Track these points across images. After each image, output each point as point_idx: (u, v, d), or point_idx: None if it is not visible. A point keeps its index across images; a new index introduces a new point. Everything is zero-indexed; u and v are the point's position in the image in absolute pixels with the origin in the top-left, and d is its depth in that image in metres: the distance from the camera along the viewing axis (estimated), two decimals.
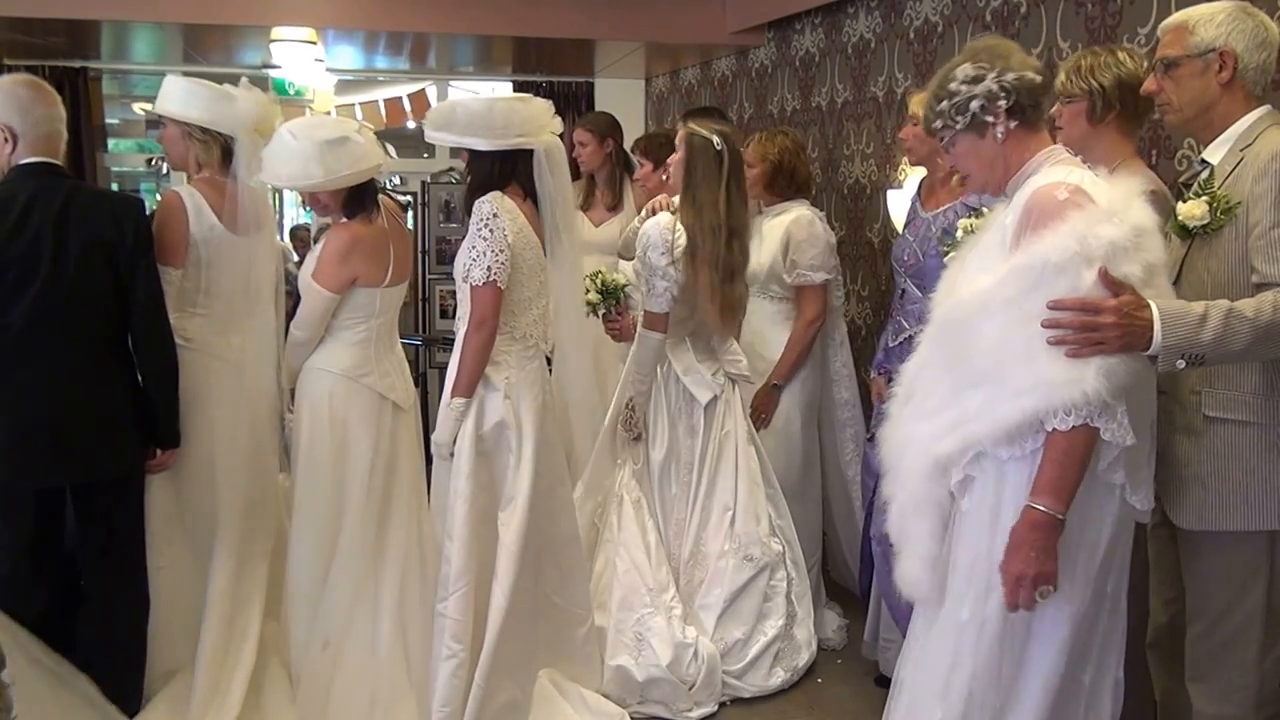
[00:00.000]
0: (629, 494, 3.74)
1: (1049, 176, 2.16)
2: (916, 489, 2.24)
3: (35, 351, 3.01)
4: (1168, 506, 2.46)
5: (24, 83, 3.15)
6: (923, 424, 2.23)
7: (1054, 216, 2.06)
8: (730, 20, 6.05)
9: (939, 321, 2.26)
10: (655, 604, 3.61)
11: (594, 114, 5.33)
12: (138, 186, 10.19)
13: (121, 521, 3.22)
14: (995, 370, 2.09)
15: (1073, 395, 2.01)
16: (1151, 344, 2.06)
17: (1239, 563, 2.36)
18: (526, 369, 3.30)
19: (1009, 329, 2.07)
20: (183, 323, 3.39)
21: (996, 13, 4.19)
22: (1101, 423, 2.04)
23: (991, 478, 2.16)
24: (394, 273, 3.39)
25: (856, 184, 5.14)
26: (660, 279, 3.61)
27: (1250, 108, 2.40)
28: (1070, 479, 2.07)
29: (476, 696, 3.19)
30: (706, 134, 3.62)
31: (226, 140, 3.44)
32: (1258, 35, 2.37)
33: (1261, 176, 2.27)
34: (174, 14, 5.73)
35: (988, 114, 2.19)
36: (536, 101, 3.29)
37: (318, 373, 3.35)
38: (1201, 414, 2.37)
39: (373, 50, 7.26)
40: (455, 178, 7.09)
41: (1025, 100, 2.19)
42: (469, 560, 3.23)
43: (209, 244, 3.41)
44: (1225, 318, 2.10)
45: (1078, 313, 2.02)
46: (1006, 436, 2.10)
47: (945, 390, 2.20)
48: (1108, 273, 2.02)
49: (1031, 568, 2.07)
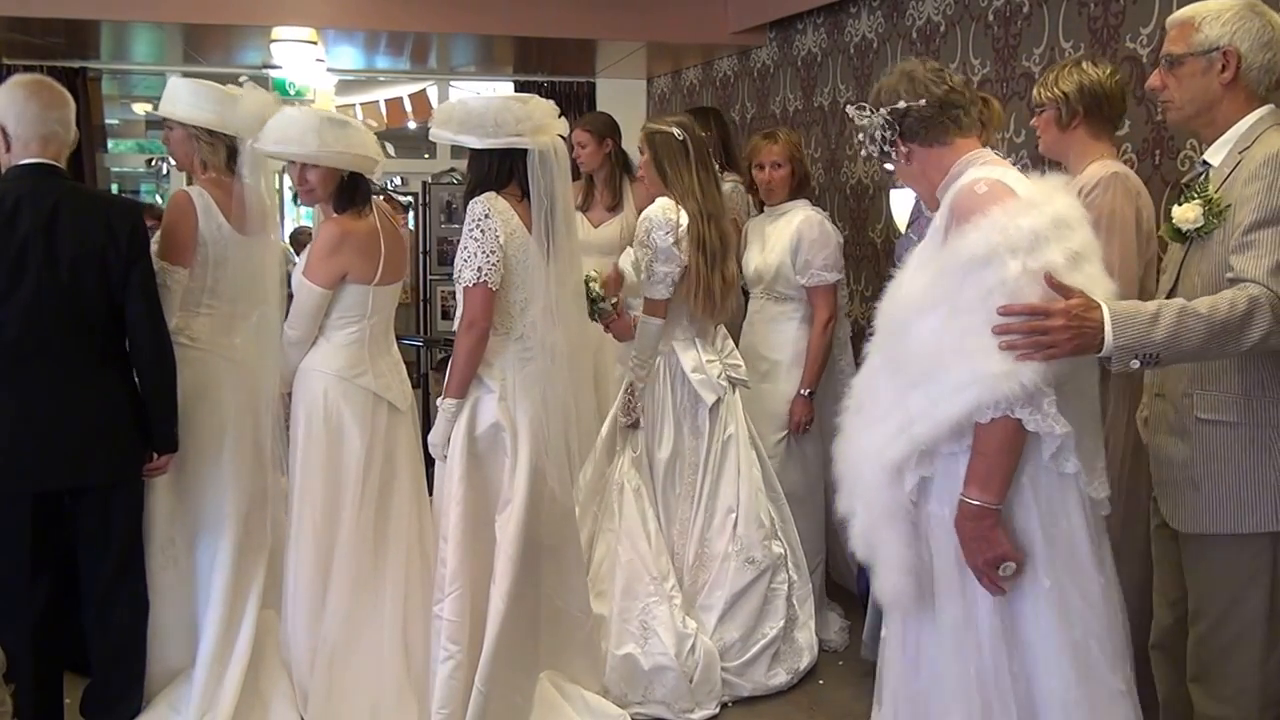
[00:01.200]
0: (629, 482, 3.74)
1: (971, 175, 2.18)
2: (877, 500, 2.23)
3: (28, 355, 3.00)
4: (1164, 509, 2.45)
5: (25, 83, 3.14)
6: (871, 433, 2.23)
7: (975, 211, 2.08)
8: (732, 20, 6.04)
9: (881, 328, 2.26)
10: (658, 592, 3.62)
11: (592, 114, 5.32)
12: (137, 187, 10.19)
13: (119, 523, 3.21)
14: (932, 369, 2.10)
15: (1011, 388, 2.01)
16: (1104, 345, 2.05)
17: (1239, 565, 2.35)
18: (524, 370, 3.29)
19: (945, 327, 2.08)
20: (188, 322, 3.39)
21: (999, 12, 4.18)
22: (1024, 413, 2.04)
23: (948, 477, 2.15)
24: (385, 270, 3.37)
25: (859, 184, 5.14)
26: (663, 263, 3.63)
27: (1252, 108, 2.38)
28: (996, 468, 2.08)
29: (477, 700, 3.17)
30: (665, 128, 3.73)
31: (232, 141, 3.45)
32: (1263, 35, 2.34)
33: (1252, 180, 2.26)
34: (174, 14, 5.73)
35: (887, 144, 2.27)
36: (537, 101, 3.27)
37: (313, 374, 3.35)
38: (1194, 416, 2.37)
39: (373, 50, 7.26)
40: (456, 178, 7.09)
41: (914, 125, 2.24)
42: (464, 562, 3.22)
43: (217, 244, 3.42)
44: (1179, 316, 2.08)
45: (1027, 317, 2.01)
46: (950, 433, 2.10)
47: (890, 396, 2.20)
48: (1053, 276, 2.02)
49: (979, 556, 2.10)
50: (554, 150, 3.24)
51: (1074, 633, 2.13)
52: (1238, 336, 2.11)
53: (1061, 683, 2.12)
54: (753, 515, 3.77)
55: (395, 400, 3.42)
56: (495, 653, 3.20)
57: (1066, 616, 2.13)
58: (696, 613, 3.72)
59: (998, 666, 2.15)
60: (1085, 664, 2.13)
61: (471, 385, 3.25)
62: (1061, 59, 3.71)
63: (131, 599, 3.27)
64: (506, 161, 3.22)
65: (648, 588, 3.62)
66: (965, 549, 2.12)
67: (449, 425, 3.25)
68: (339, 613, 3.31)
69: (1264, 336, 2.12)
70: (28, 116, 3.05)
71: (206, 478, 3.43)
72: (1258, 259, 2.18)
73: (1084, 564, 2.15)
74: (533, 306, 3.28)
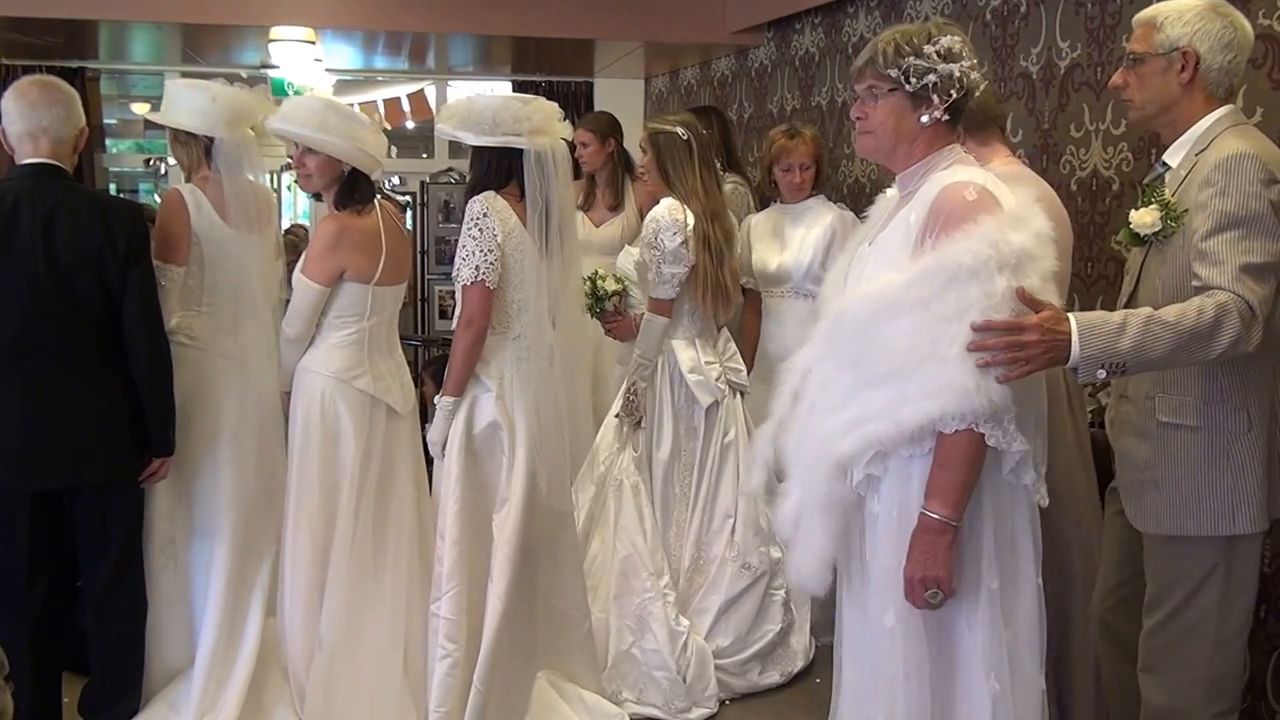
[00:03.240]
0: (628, 479, 3.74)
1: (955, 175, 2.14)
2: (817, 488, 2.21)
3: (27, 354, 3.01)
4: (1127, 509, 2.50)
5: (32, 83, 3.15)
6: (821, 422, 2.20)
7: (965, 219, 2.04)
8: (730, 20, 6.05)
9: (835, 317, 2.22)
10: (654, 589, 3.62)
11: (595, 114, 5.32)
12: (136, 187, 10.17)
13: (118, 523, 3.21)
14: (900, 370, 2.07)
15: (981, 402, 2.01)
16: (1070, 356, 2.06)
17: (1195, 564, 2.39)
18: (521, 369, 3.29)
19: (918, 330, 2.05)
20: (188, 321, 3.39)
21: (996, 12, 4.19)
22: (987, 428, 2.04)
23: (898, 477, 2.15)
24: (385, 270, 3.36)
25: (856, 183, 5.14)
26: (671, 264, 3.62)
27: (1211, 109, 2.39)
28: (958, 483, 2.07)
29: (476, 699, 3.18)
30: (669, 127, 3.71)
31: (207, 141, 3.43)
32: (1224, 36, 2.35)
33: (1205, 185, 2.27)
34: (172, 14, 5.74)
35: (935, 93, 2.14)
36: (540, 103, 3.26)
37: (310, 374, 3.34)
38: (1156, 419, 2.40)
39: (371, 50, 7.27)
40: (454, 178, 7.10)
41: (963, 103, 2.18)
42: (461, 560, 3.23)
43: (211, 241, 3.41)
44: (1145, 325, 2.09)
45: (1003, 333, 2.01)
46: (908, 437, 2.08)
47: (843, 388, 2.17)
48: (1025, 291, 2.02)
49: (919, 571, 2.09)
50: (552, 152, 3.23)
51: (1009, 632, 2.15)
52: (1207, 343, 2.13)
53: (996, 682, 2.13)
54: (751, 520, 3.78)
55: (394, 403, 3.40)
56: (493, 651, 3.20)
57: (1003, 616, 2.15)
58: (691, 616, 3.72)
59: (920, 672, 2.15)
60: (1016, 663, 2.15)
61: (469, 384, 3.26)
62: (1060, 58, 3.72)
63: (130, 599, 3.27)
64: (505, 161, 3.23)
65: (644, 584, 3.63)
66: (911, 559, 2.10)
67: (447, 423, 3.26)
68: (336, 614, 3.31)
69: (1233, 343, 2.13)
70: (36, 117, 3.06)
71: (204, 477, 3.42)
72: (1220, 265, 2.19)
73: (1024, 567, 2.17)
74: (530, 306, 3.29)
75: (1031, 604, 2.18)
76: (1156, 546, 2.45)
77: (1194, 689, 2.40)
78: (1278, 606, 2.99)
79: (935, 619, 2.14)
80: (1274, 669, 3.02)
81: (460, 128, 3.21)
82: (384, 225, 3.39)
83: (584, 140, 4.74)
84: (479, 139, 3.20)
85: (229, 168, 3.41)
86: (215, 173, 3.43)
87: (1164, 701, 2.44)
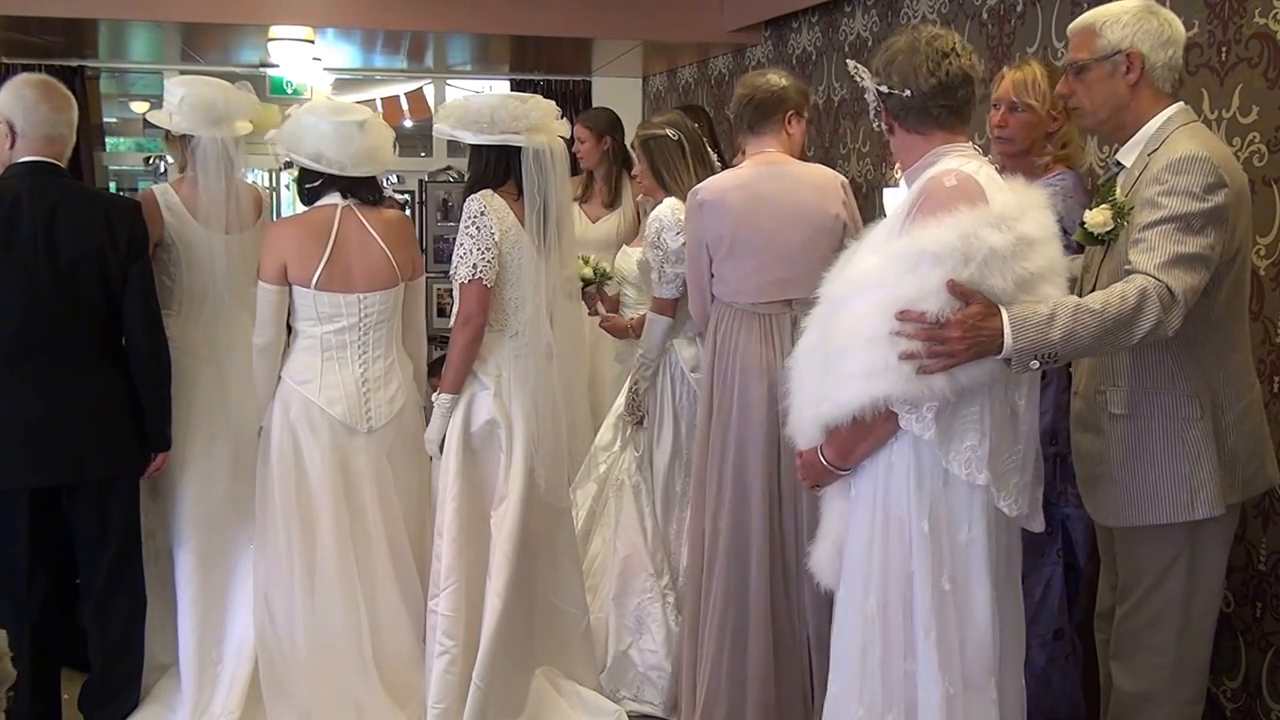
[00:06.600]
0: (629, 479, 3.75)
1: (944, 165, 2.18)
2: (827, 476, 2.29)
3: (27, 351, 3.02)
4: (1087, 504, 2.53)
5: (33, 82, 3.16)
6: (807, 410, 2.24)
7: (941, 206, 2.07)
8: (727, 19, 6.05)
9: (824, 301, 2.26)
10: (653, 589, 3.63)
11: (593, 111, 5.32)
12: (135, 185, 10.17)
13: (117, 519, 3.22)
14: (845, 349, 2.11)
15: (919, 389, 2.04)
16: (1004, 348, 2.07)
17: (1160, 552, 2.43)
18: (519, 367, 3.30)
19: (872, 308, 2.08)
20: (165, 320, 3.35)
21: (993, 11, 4.20)
22: (901, 409, 2.08)
23: (878, 463, 2.18)
24: (326, 274, 3.22)
25: (853, 182, 5.14)
26: (674, 264, 3.61)
27: (1162, 106, 2.43)
28: (851, 441, 2.16)
29: (475, 695, 3.19)
30: (657, 131, 3.72)
31: (191, 140, 3.43)
32: (1162, 33, 2.40)
33: (1152, 183, 2.31)
34: (171, 13, 5.73)
35: (876, 112, 2.29)
36: (537, 101, 3.26)
37: (280, 378, 3.32)
38: (1107, 412, 2.43)
39: (370, 49, 7.27)
40: (453, 176, 7.10)
41: (896, 107, 2.24)
42: (458, 557, 3.23)
43: (184, 241, 3.41)
44: (1074, 314, 2.11)
45: (922, 326, 2.03)
46: (851, 418, 2.11)
47: (816, 370, 2.22)
48: (955, 282, 2.03)
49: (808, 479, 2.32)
50: (550, 150, 3.23)
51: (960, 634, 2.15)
52: (1129, 328, 2.15)
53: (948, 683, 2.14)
54: None
55: (339, 415, 3.27)
56: (492, 648, 3.21)
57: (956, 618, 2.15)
58: None
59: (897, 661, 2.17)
60: (966, 665, 2.15)
61: (467, 381, 3.27)
62: (1055, 57, 3.73)
63: (129, 595, 3.29)
64: (503, 159, 3.24)
65: (644, 584, 3.64)
66: (800, 471, 2.31)
67: (444, 421, 3.26)
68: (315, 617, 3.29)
69: (1154, 327, 2.16)
70: (38, 117, 3.07)
71: (174, 476, 3.42)
72: (1150, 251, 2.22)
73: (977, 573, 2.16)
74: (527, 304, 3.30)
75: (984, 607, 2.15)
76: (1122, 537, 2.50)
77: (1160, 674, 2.45)
78: (1274, 604, 2.99)
79: (899, 614, 2.16)
80: (1270, 667, 3.03)
81: (458, 126, 3.22)
82: (351, 233, 3.29)
83: (580, 136, 4.75)
84: (478, 138, 3.21)
85: (202, 166, 3.40)
86: (192, 171, 3.43)
87: (1131, 688, 2.48)
